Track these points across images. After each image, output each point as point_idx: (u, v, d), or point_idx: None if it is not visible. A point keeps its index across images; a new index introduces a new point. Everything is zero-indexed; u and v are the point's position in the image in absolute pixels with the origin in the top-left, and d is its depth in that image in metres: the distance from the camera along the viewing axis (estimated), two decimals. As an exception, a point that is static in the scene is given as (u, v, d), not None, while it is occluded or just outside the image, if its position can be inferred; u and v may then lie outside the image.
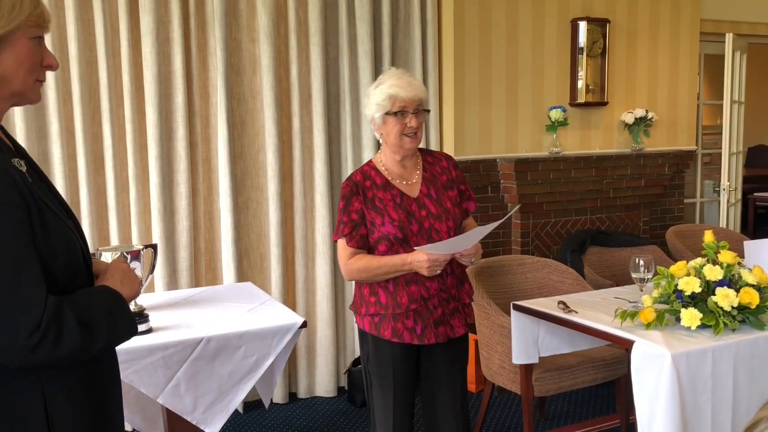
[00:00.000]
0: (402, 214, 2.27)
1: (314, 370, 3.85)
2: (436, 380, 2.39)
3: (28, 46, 1.25)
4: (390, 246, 2.27)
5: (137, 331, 1.41)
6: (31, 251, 1.17)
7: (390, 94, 2.25)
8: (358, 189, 2.30)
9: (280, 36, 3.64)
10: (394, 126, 2.26)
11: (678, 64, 4.60)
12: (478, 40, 4.00)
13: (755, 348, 2.32)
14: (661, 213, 4.69)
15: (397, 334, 2.28)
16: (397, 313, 2.28)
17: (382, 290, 2.30)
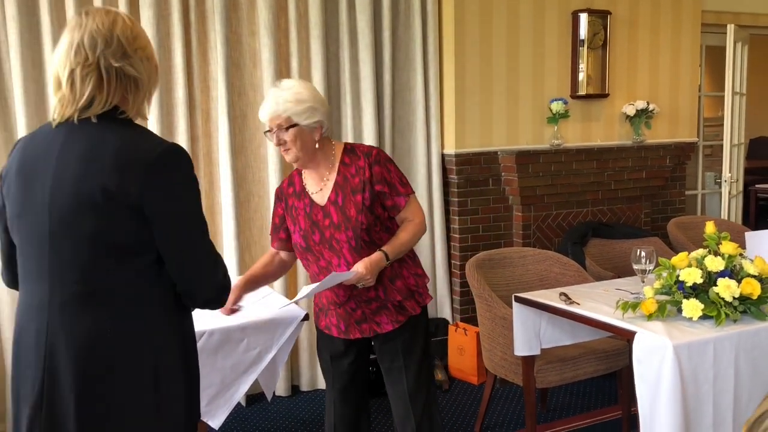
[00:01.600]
0: (308, 223, 2.29)
1: (317, 362, 3.85)
2: (386, 374, 2.43)
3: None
4: (301, 253, 2.36)
5: None
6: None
7: (260, 112, 2.25)
8: (282, 195, 2.40)
9: (280, 29, 3.63)
10: (274, 141, 2.24)
11: (679, 56, 4.59)
12: (478, 31, 3.99)
13: (757, 338, 2.32)
14: (662, 205, 4.69)
15: (328, 327, 2.42)
16: (324, 309, 2.42)
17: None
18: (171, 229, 1.47)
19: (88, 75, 1.44)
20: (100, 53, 1.44)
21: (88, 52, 1.44)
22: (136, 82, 1.49)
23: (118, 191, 1.41)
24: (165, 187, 1.44)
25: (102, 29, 1.45)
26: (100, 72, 1.44)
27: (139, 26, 1.54)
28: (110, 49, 1.45)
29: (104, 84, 1.45)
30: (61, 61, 1.46)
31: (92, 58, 1.43)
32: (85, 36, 1.44)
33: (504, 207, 4.22)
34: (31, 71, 3.21)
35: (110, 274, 1.46)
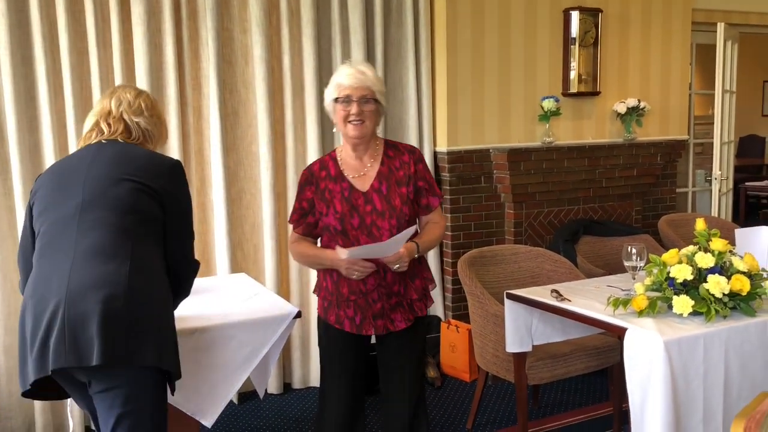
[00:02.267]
0: (346, 207, 2.31)
1: (309, 360, 3.86)
2: (386, 372, 2.46)
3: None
4: (331, 237, 2.35)
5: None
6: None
7: (337, 82, 2.32)
8: (312, 179, 2.38)
9: (272, 26, 3.62)
10: (338, 112, 2.32)
11: (670, 54, 4.61)
12: (470, 29, 4.00)
13: (746, 334, 2.34)
14: (653, 202, 4.71)
15: (339, 321, 2.38)
16: (340, 301, 2.38)
17: (329, 278, 2.40)
18: (175, 218, 1.99)
19: (117, 122, 2.05)
20: (123, 110, 2.06)
21: (113, 109, 2.06)
22: (149, 133, 2.09)
23: (144, 180, 1.92)
24: (178, 188, 2.01)
25: (129, 97, 2.09)
26: (125, 122, 2.05)
27: (156, 102, 2.17)
28: (131, 109, 2.07)
29: (129, 129, 2.06)
30: (100, 110, 2.08)
31: (116, 113, 2.05)
32: (113, 99, 2.08)
33: (496, 204, 4.23)
34: (20, 68, 3.19)
35: (129, 232, 1.86)
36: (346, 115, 2.29)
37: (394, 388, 2.45)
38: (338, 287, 2.36)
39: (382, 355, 2.46)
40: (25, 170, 3.20)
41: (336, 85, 2.31)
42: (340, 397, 2.45)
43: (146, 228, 1.91)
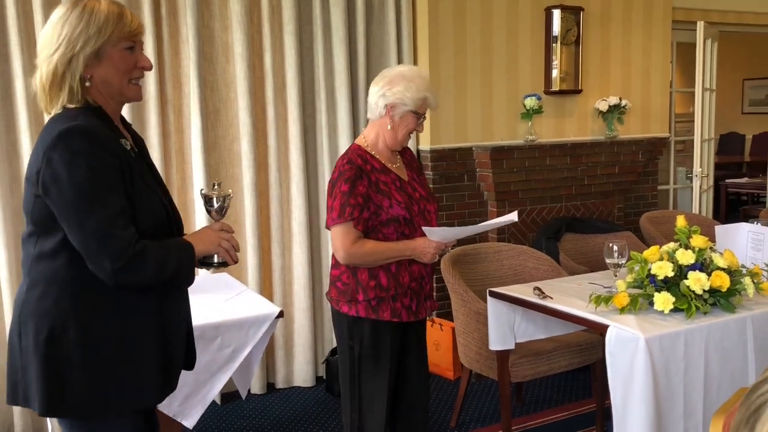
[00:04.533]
0: (404, 196, 2.37)
1: (292, 360, 3.84)
2: (410, 355, 2.49)
3: (119, 55, 1.63)
4: (398, 227, 2.34)
5: (193, 280, 1.73)
6: (123, 201, 1.56)
7: (427, 97, 2.37)
8: (361, 173, 2.31)
9: (253, 24, 3.60)
10: (410, 124, 2.36)
11: (651, 52, 4.63)
12: (452, 27, 3.99)
13: (726, 330, 2.36)
14: (635, 200, 4.74)
15: (397, 314, 2.36)
16: (398, 293, 2.36)
17: (384, 272, 2.34)
18: (58, 206, 1.55)
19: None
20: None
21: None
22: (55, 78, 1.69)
23: (32, 171, 1.58)
24: (51, 165, 1.53)
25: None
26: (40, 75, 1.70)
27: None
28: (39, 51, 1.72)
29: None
30: None
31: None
32: None
33: (479, 202, 4.24)
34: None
35: (26, 245, 1.63)
36: (413, 128, 2.38)
37: (419, 372, 2.53)
38: (398, 278, 2.34)
39: (411, 341, 2.48)
40: (3, 172, 3.15)
41: (423, 99, 2.36)
42: (385, 398, 2.39)
43: (43, 237, 1.59)
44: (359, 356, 2.38)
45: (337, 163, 2.37)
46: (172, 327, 1.71)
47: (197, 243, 1.70)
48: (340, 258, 2.33)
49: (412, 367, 2.51)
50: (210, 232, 1.75)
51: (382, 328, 2.35)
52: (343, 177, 2.30)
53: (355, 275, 2.35)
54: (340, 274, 2.39)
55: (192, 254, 1.68)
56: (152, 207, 1.65)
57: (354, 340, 2.37)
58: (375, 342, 2.36)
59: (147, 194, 1.64)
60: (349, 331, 2.37)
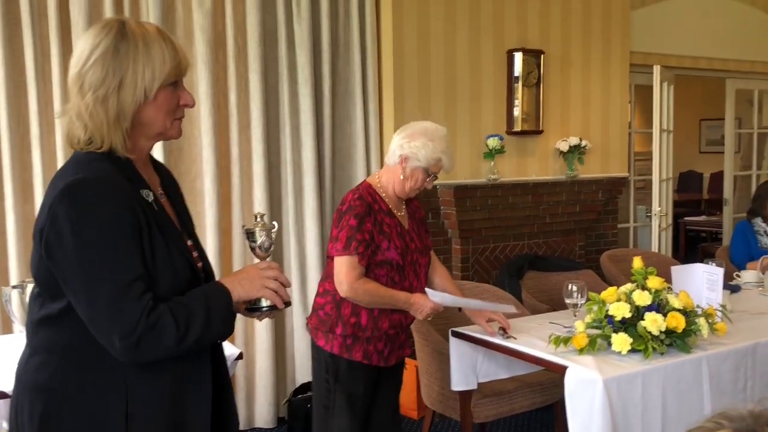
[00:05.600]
0: (402, 243, 2.45)
1: (253, 401, 3.78)
2: (384, 401, 2.58)
3: (166, 93, 1.42)
4: (389, 271, 2.41)
5: (232, 331, 1.48)
6: (140, 266, 1.34)
7: (442, 159, 2.46)
8: (370, 210, 2.39)
9: (218, 62, 3.61)
10: (419, 179, 2.47)
11: (609, 94, 4.76)
12: (416, 68, 4.06)
13: (682, 371, 2.39)
14: (596, 238, 4.82)
15: (368, 357, 2.43)
16: (374, 336, 2.42)
17: (366, 313, 2.41)
18: (64, 271, 1.33)
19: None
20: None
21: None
22: (89, 119, 1.49)
23: (37, 228, 1.39)
24: (56, 224, 1.32)
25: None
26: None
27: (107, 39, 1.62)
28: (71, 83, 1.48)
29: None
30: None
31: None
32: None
33: (443, 240, 4.26)
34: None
35: (31, 306, 1.44)
36: (422, 184, 2.48)
37: (392, 413, 2.63)
38: (377, 322, 2.42)
39: (386, 383, 2.56)
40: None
41: (437, 160, 2.44)
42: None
43: (47, 304, 1.40)
44: (335, 392, 2.44)
45: (348, 196, 2.43)
46: (190, 402, 1.45)
47: (235, 287, 1.45)
48: (342, 290, 2.37)
49: (384, 410, 2.57)
50: (253, 271, 1.50)
51: (358, 367, 2.42)
52: (353, 211, 2.36)
53: (339, 308, 2.42)
54: (325, 303, 2.46)
55: (226, 302, 1.43)
56: (175, 267, 1.42)
57: (330, 373, 2.44)
58: (351, 380, 2.43)
59: (169, 253, 1.41)
60: (326, 365, 2.44)
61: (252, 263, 1.54)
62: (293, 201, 3.79)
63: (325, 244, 3.85)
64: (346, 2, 3.91)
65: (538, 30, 4.42)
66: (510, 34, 4.32)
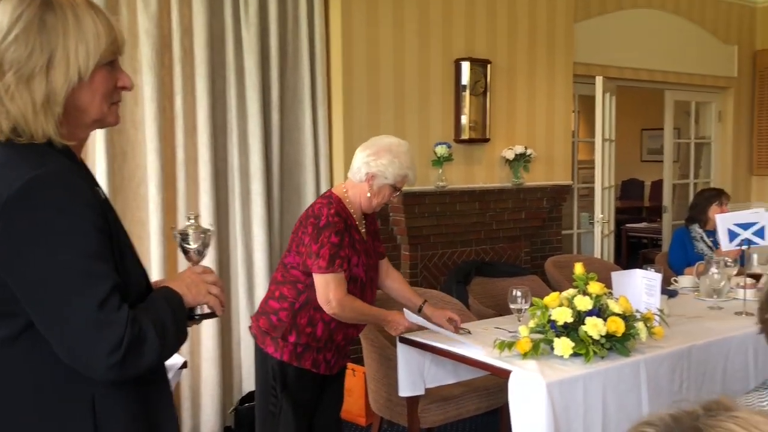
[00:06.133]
0: (366, 259, 2.51)
1: (199, 410, 3.71)
2: (327, 408, 2.61)
3: (102, 74, 1.25)
4: (353, 287, 2.44)
5: (186, 337, 1.38)
6: (114, 273, 1.19)
7: (408, 175, 2.50)
8: (346, 227, 2.43)
9: (164, 66, 3.56)
10: (386, 196, 2.51)
11: (554, 104, 4.88)
12: (366, 76, 4.08)
13: (622, 374, 2.46)
14: (541, 244, 4.91)
15: (316, 365, 2.46)
16: (326, 347, 2.45)
17: (323, 324, 2.43)
18: (20, 287, 1.16)
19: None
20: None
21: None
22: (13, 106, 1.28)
23: None
24: (13, 229, 1.13)
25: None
26: None
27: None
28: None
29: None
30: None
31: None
32: None
33: (393, 246, 4.28)
34: None
35: None
36: (388, 200, 2.53)
37: (334, 419, 2.66)
38: (332, 335, 2.46)
39: (328, 390, 2.60)
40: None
41: (404, 176, 2.50)
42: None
43: (2, 314, 1.20)
44: (282, 399, 2.44)
45: (323, 210, 2.40)
46: (161, 422, 1.36)
47: (185, 292, 1.34)
48: (330, 307, 2.38)
49: (327, 416, 2.60)
50: (194, 276, 1.39)
51: (306, 375, 2.45)
52: (333, 228, 2.37)
53: (295, 317, 2.42)
54: (280, 309, 2.45)
55: (183, 307, 1.32)
56: (137, 274, 1.30)
57: (277, 381, 2.43)
58: (298, 388, 2.44)
59: (131, 258, 1.29)
60: (273, 372, 2.44)
61: (189, 268, 1.45)
62: (240, 207, 3.75)
63: (274, 250, 3.84)
64: (294, 9, 3.91)
65: (485, 40, 4.50)
66: (458, 44, 4.39)
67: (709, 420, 0.71)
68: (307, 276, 2.43)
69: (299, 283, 2.45)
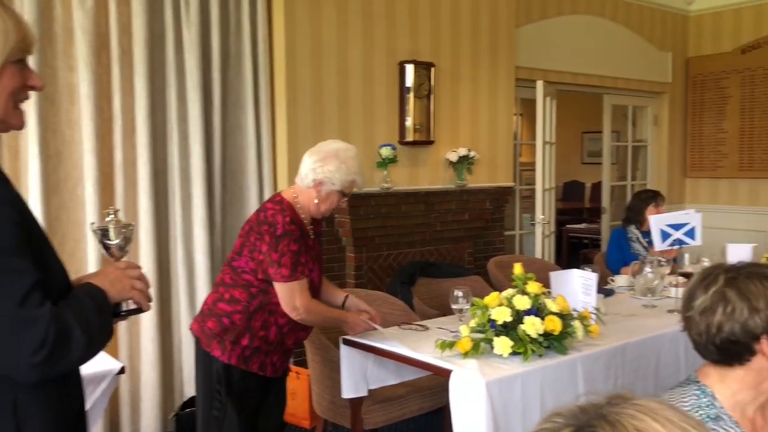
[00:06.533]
0: (317, 264, 2.54)
1: (139, 416, 3.63)
2: (274, 409, 2.63)
3: (10, 71, 1.22)
4: (310, 292, 2.46)
5: (112, 334, 1.35)
6: (32, 267, 1.16)
7: (356, 180, 2.49)
8: (301, 233, 2.43)
9: (101, 64, 3.47)
10: (333, 202, 2.51)
11: (497, 107, 4.96)
12: (309, 78, 4.06)
13: (559, 371, 2.52)
14: (484, 245, 4.99)
15: (263, 369, 2.45)
16: (275, 350, 2.46)
17: (277, 328, 2.44)
18: None
19: None
20: None
21: None
22: None
23: None
24: None
25: None
26: None
27: None
28: None
29: None
30: None
31: None
32: None
33: (337, 248, 4.28)
34: None
35: None
36: (336, 205, 2.52)
37: (278, 420, 2.67)
38: (284, 338, 2.47)
39: (273, 393, 2.59)
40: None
41: (351, 181, 2.49)
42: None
43: None
44: (226, 402, 2.41)
45: (277, 218, 2.38)
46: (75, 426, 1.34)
47: (108, 288, 1.32)
48: (297, 313, 2.40)
49: (271, 419, 2.60)
50: (117, 272, 1.37)
51: (251, 378, 2.44)
52: (291, 236, 2.37)
53: (249, 320, 2.41)
54: (233, 312, 2.42)
55: (108, 304, 1.30)
56: (57, 269, 1.27)
57: (221, 384, 2.41)
58: (243, 390, 2.42)
59: (49, 253, 1.27)
60: (218, 376, 2.41)
61: (112, 264, 1.42)
62: (181, 209, 3.69)
63: (216, 252, 3.79)
64: (237, 9, 3.87)
65: (429, 43, 4.54)
66: (402, 47, 4.42)
67: (612, 408, 0.78)
68: (261, 281, 2.41)
69: (252, 287, 2.43)
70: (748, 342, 1.54)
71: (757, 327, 1.52)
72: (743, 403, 1.60)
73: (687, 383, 1.64)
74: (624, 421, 0.76)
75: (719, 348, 1.56)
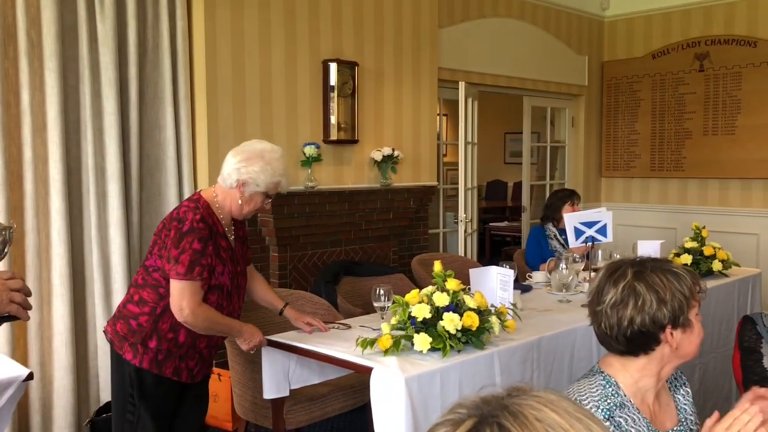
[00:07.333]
0: (232, 267, 2.44)
1: (51, 423, 3.49)
2: (193, 412, 2.59)
3: None
4: (220, 296, 2.39)
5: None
6: None
7: (281, 182, 2.43)
8: (211, 234, 2.33)
9: (8, 58, 3.32)
10: (257, 203, 2.44)
11: (420, 107, 5.02)
12: (231, 75, 4.00)
13: (477, 366, 2.58)
14: (408, 243, 5.05)
15: (178, 373, 2.40)
16: (188, 354, 2.40)
17: (186, 331, 2.36)
18: None
19: None
20: None
21: None
22: None
23: None
24: None
25: None
26: None
27: None
28: None
29: None
30: None
31: None
32: None
33: (261, 248, 4.24)
34: None
35: None
36: (260, 207, 2.46)
37: (199, 424, 2.64)
38: (195, 342, 2.41)
39: (194, 397, 2.56)
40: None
41: (276, 183, 2.43)
42: None
43: None
44: (139, 407, 2.37)
45: (188, 214, 2.31)
46: None
47: None
48: (182, 315, 2.29)
49: (189, 423, 2.56)
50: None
51: (165, 382, 2.38)
52: (196, 234, 2.27)
53: (156, 322, 2.35)
54: (140, 314, 2.36)
55: None
56: None
57: (134, 388, 2.36)
58: (157, 395, 2.37)
59: None
60: (131, 380, 2.35)
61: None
62: (96, 209, 3.57)
63: (133, 253, 3.68)
64: (155, 2, 3.76)
65: (353, 42, 4.56)
66: (325, 45, 4.41)
67: (513, 399, 0.83)
68: (169, 281, 2.36)
69: (161, 287, 2.37)
70: (656, 332, 1.63)
71: (665, 317, 1.61)
72: (644, 390, 1.69)
73: (592, 374, 1.72)
74: (525, 411, 0.80)
75: (629, 339, 1.65)
